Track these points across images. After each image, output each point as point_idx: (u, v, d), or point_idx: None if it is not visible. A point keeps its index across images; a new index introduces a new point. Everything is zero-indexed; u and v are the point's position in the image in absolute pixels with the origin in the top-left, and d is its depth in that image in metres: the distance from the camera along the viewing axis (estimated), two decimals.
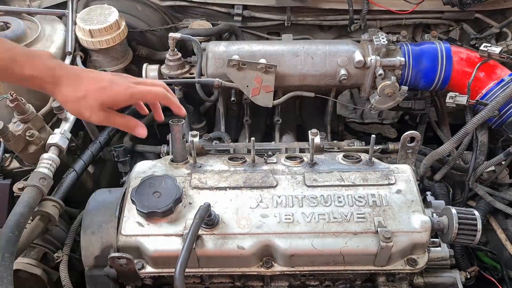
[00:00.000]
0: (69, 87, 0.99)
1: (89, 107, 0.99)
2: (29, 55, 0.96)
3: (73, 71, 1.01)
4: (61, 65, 1.01)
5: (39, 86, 0.99)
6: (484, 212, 1.52)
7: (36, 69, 0.96)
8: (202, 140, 1.52)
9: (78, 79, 0.99)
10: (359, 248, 1.06)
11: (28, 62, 0.95)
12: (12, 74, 0.95)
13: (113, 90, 1.00)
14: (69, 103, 1.00)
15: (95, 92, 0.99)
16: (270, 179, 1.18)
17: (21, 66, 0.94)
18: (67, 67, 1.02)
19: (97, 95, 0.99)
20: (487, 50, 1.49)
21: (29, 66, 0.95)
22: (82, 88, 0.99)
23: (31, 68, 0.95)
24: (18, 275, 1.22)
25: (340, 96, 1.73)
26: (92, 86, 0.99)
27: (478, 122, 1.42)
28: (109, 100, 1.01)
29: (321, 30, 1.91)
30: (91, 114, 1.00)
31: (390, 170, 1.21)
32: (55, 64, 0.99)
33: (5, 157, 1.45)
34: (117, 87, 1.01)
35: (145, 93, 1.06)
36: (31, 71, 0.95)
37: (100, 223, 1.15)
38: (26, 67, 0.95)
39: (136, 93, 1.03)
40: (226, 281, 1.16)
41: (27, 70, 0.95)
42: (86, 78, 1.00)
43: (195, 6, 1.85)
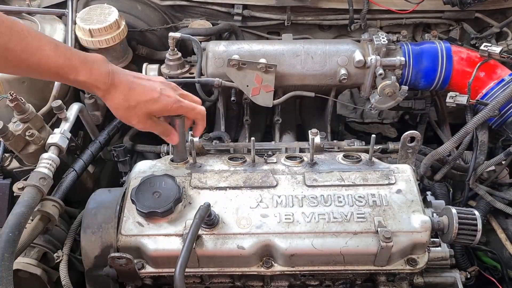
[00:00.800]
0: (121, 95, 1.01)
1: (137, 116, 1.04)
2: (85, 61, 0.96)
3: (126, 79, 1.03)
4: (114, 71, 1.01)
5: (91, 91, 1.02)
6: (484, 212, 1.52)
7: (91, 76, 0.97)
8: (202, 139, 1.52)
9: (130, 88, 1.02)
10: (359, 248, 1.06)
11: (84, 68, 0.96)
12: (66, 79, 0.96)
13: (162, 102, 1.05)
14: (119, 110, 1.04)
15: (146, 103, 1.03)
16: (270, 179, 1.18)
17: (75, 71, 0.95)
18: (120, 74, 1.02)
19: (147, 106, 1.03)
20: (487, 50, 1.49)
21: (84, 72, 0.96)
22: (133, 99, 1.02)
23: (86, 75, 0.96)
24: (18, 275, 1.22)
25: (340, 96, 1.73)
26: (144, 97, 1.03)
27: (478, 122, 1.42)
28: (157, 112, 1.06)
29: (321, 30, 1.91)
30: (138, 122, 1.06)
31: (390, 170, 1.20)
32: (109, 71, 1.00)
33: (5, 156, 1.45)
34: (166, 99, 1.05)
35: (190, 109, 1.11)
36: (85, 77, 0.96)
37: (100, 223, 1.15)
38: (81, 73, 0.95)
39: (182, 107, 1.09)
40: (226, 281, 1.16)
41: (82, 76, 0.96)
42: (138, 88, 1.03)
43: (195, 5, 1.85)
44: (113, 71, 1.01)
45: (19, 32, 0.87)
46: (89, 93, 1.67)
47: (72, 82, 0.98)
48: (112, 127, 1.60)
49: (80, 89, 1.72)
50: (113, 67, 1.02)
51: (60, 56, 0.92)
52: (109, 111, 1.75)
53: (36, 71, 0.94)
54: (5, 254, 0.93)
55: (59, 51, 0.93)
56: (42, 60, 0.90)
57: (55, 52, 0.92)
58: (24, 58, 0.88)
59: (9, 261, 0.93)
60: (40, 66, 0.91)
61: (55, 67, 0.92)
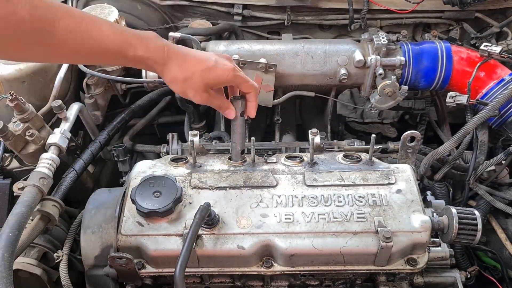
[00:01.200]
0: (177, 66, 1.01)
1: (194, 87, 1.03)
2: (140, 37, 0.96)
3: (181, 51, 1.02)
4: (169, 45, 1.01)
5: (149, 67, 1.01)
6: (484, 211, 1.52)
7: (148, 50, 0.96)
8: (202, 139, 1.52)
9: (185, 59, 1.01)
10: (359, 248, 1.06)
11: (140, 43, 0.95)
12: (125, 57, 0.95)
13: (218, 71, 1.04)
14: (176, 82, 1.03)
15: (202, 72, 1.02)
16: (270, 179, 1.18)
17: (134, 48, 0.94)
18: (174, 47, 1.02)
19: (203, 76, 1.02)
20: (487, 50, 1.49)
21: (142, 47, 0.95)
22: (189, 69, 1.01)
23: (144, 50, 0.96)
24: (18, 275, 1.22)
25: (340, 96, 1.73)
26: (199, 67, 1.02)
27: (478, 122, 1.42)
28: (214, 81, 1.05)
29: (321, 30, 1.91)
30: (195, 94, 1.04)
31: (390, 170, 1.20)
32: (164, 44, 1.00)
33: (5, 156, 1.45)
34: (222, 67, 1.04)
35: (245, 80, 1.09)
36: (144, 52, 0.96)
37: (100, 222, 1.15)
38: (138, 49, 0.95)
39: (238, 76, 1.07)
40: (226, 280, 1.16)
41: (140, 51, 0.95)
42: (193, 59, 1.02)
43: (195, 5, 1.85)
44: (168, 45, 1.01)
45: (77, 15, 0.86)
46: (89, 93, 1.67)
47: (131, 60, 0.97)
48: (112, 127, 1.60)
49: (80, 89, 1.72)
50: (167, 41, 1.02)
51: (117, 34, 0.92)
52: (109, 111, 1.79)
53: (96, 54, 0.93)
54: (5, 254, 0.93)
55: (115, 30, 0.92)
56: (102, 41, 0.90)
57: (112, 32, 0.91)
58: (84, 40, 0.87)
59: (9, 261, 0.93)
60: (100, 48, 0.91)
61: (115, 47, 0.92)
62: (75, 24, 0.85)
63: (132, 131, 1.77)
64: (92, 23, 0.89)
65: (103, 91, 1.71)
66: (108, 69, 1.64)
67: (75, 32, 0.85)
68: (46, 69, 1.52)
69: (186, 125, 1.74)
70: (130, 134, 1.75)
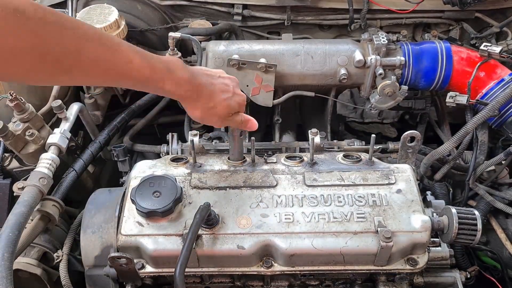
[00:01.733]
0: (203, 99, 1.02)
1: (218, 115, 1.06)
2: (168, 69, 0.94)
3: (205, 81, 1.03)
4: (194, 75, 1.00)
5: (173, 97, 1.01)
6: (484, 211, 1.52)
7: (176, 85, 0.95)
8: (202, 139, 1.52)
9: (210, 92, 1.03)
10: (359, 247, 1.06)
11: (168, 77, 0.94)
12: (152, 88, 0.95)
13: (236, 100, 1.08)
14: (197, 112, 1.04)
15: (224, 101, 1.05)
16: (270, 179, 1.18)
17: (162, 81, 0.93)
18: (198, 77, 1.02)
19: (225, 104, 1.06)
20: (487, 50, 1.49)
21: (169, 82, 0.94)
22: (213, 101, 1.03)
23: (171, 84, 0.94)
24: (18, 274, 1.22)
25: (340, 96, 1.73)
26: (221, 97, 1.05)
27: (478, 122, 1.42)
28: (234, 110, 1.09)
29: (321, 30, 1.90)
30: (218, 121, 1.08)
31: (390, 170, 1.20)
32: (190, 77, 0.99)
33: (5, 156, 1.45)
34: (238, 97, 1.09)
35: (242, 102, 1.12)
36: (171, 86, 0.95)
37: (100, 222, 1.15)
38: (166, 83, 0.94)
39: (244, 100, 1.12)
40: (226, 280, 1.16)
41: (167, 86, 0.94)
42: (217, 89, 1.04)
43: (195, 5, 1.85)
44: (193, 75, 1.00)
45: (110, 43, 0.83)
46: (89, 93, 1.67)
47: (156, 91, 0.97)
48: (112, 127, 1.60)
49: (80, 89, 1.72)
50: (191, 69, 1.01)
51: (146, 67, 0.89)
52: (109, 111, 1.79)
53: (123, 82, 0.93)
54: (5, 254, 0.93)
55: (145, 61, 0.89)
56: (131, 73, 0.87)
57: (142, 63, 0.88)
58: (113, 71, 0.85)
59: (9, 261, 0.93)
60: (128, 78, 0.89)
61: (142, 79, 0.90)
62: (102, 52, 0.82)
63: (132, 131, 1.77)
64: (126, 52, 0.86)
65: (103, 91, 1.71)
66: None
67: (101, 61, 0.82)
68: None
69: (186, 125, 1.73)
70: (130, 134, 1.75)
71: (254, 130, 1.17)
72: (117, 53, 0.84)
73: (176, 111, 1.89)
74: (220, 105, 1.05)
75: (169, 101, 1.83)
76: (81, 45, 0.77)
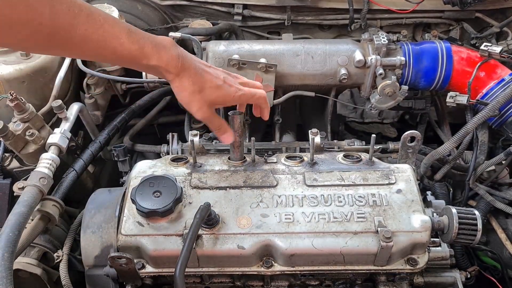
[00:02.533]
0: (189, 79, 1.01)
1: (200, 102, 1.03)
2: (156, 46, 0.96)
3: (194, 64, 1.03)
4: (183, 55, 1.01)
5: (161, 75, 1.01)
6: (484, 211, 1.52)
7: (162, 60, 0.96)
8: (202, 139, 1.52)
9: (197, 73, 1.02)
10: (359, 247, 1.06)
11: (155, 53, 0.95)
12: (138, 64, 0.96)
13: (225, 90, 1.05)
14: (184, 93, 1.03)
15: (211, 89, 1.03)
16: (270, 179, 1.18)
17: (148, 57, 0.94)
18: (187, 58, 1.02)
19: (211, 92, 1.03)
20: (487, 50, 1.49)
21: (156, 57, 0.95)
22: (199, 83, 1.02)
23: (158, 59, 0.96)
24: (18, 274, 1.22)
25: (340, 96, 1.73)
26: (209, 83, 1.03)
27: (478, 122, 1.42)
28: (220, 100, 1.06)
29: (321, 30, 1.91)
30: (198, 109, 1.04)
31: (391, 170, 1.20)
32: (178, 54, 0.99)
33: (5, 156, 1.45)
34: (229, 88, 1.05)
35: (251, 95, 1.10)
36: (157, 61, 0.96)
37: (100, 222, 1.15)
38: (152, 58, 0.95)
39: (244, 95, 1.08)
40: (226, 280, 1.16)
41: (154, 61, 0.95)
42: (205, 73, 1.03)
43: (195, 5, 1.85)
44: (182, 55, 1.01)
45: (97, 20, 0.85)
46: (89, 93, 1.67)
47: (143, 67, 0.98)
48: (112, 127, 1.60)
49: (80, 89, 1.72)
50: (181, 50, 1.02)
51: (134, 43, 0.91)
52: (109, 111, 1.79)
53: (109, 58, 0.94)
54: (5, 254, 0.93)
55: (132, 37, 0.91)
56: (117, 48, 0.90)
57: (129, 39, 0.91)
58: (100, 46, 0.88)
59: (9, 261, 0.93)
60: (114, 54, 0.91)
61: (129, 55, 0.92)
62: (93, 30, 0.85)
63: (132, 131, 1.77)
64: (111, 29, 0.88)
65: (103, 91, 1.71)
66: (108, 69, 1.64)
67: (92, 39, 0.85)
68: (46, 69, 1.52)
69: (186, 125, 1.74)
70: (130, 134, 1.75)
71: (226, 143, 1.15)
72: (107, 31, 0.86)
73: (176, 111, 1.89)
74: (208, 89, 1.03)
75: (169, 101, 1.84)
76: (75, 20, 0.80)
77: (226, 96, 1.06)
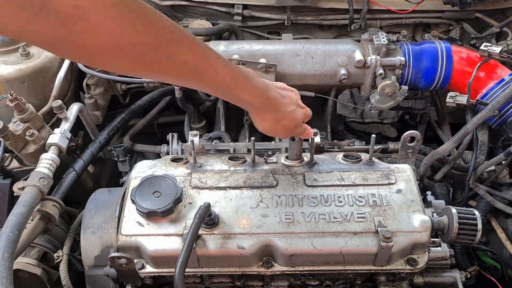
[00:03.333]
0: (272, 111, 1.03)
1: (285, 127, 1.07)
2: (246, 77, 0.95)
3: (274, 94, 1.03)
4: (267, 87, 1.01)
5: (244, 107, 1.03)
6: (484, 211, 1.52)
7: (251, 94, 0.96)
8: (202, 139, 1.52)
9: (278, 104, 1.03)
10: (359, 248, 1.06)
11: (246, 86, 0.95)
12: (229, 96, 0.96)
13: (300, 113, 1.09)
14: (266, 123, 1.05)
15: (291, 113, 1.06)
16: (270, 179, 1.18)
17: (240, 90, 0.94)
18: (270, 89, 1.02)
19: (292, 117, 1.06)
20: (487, 50, 1.49)
21: (247, 91, 0.95)
22: (282, 112, 1.04)
23: (248, 93, 0.96)
24: (18, 274, 1.22)
25: (340, 96, 1.73)
26: (288, 109, 1.05)
27: (478, 122, 1.42)
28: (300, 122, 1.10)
29: (321, 30, 1.90)
30: (284, 133, 1.10)
31: (390, 170, 1.20)
32: (264, 87, 0.99)
33: (5, 156, 1.45)
34: (302, 110, 1.10)
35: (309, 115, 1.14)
36: (247, 96, 0.96)
37: (100, 222, 1.15)
38: (244, 92, 0.95)
39: (307, 116, 1.13)
40: (226, 280, 1.16)
41: (245, 95, 0.95)
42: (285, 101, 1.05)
43: (195, 5, 1.85)
44: (266, 86, 1.01)
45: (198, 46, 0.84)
46: (89, 93, 1.67)
47: (233, 99, 0.97)
48: (112, 127, 1.60)
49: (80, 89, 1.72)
50: (263, 82, 1.02)
51: (228, 75, 0.90)
52: (109, 111, 1.79)
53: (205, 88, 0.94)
54: (5, 254, 0.94)
55: (227, 69, 0.90)
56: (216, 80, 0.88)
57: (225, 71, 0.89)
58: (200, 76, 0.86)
59: (9, 261, 0.93)
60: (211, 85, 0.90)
61: (224, 86, 0.91)
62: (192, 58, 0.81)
63: (132, 131, 1.77)
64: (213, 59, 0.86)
65: (103, 91, 1.71)
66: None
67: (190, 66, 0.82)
68: (46, 69, 1.52)
69: (186, 125, 1.74)
70: (130, 134, 1.75)
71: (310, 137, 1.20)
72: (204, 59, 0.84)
73: (176, 111, 1.89)
74: (287, 117, 1.05)
75: (169, 101, 1.84)
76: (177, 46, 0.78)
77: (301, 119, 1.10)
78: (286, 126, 1.07)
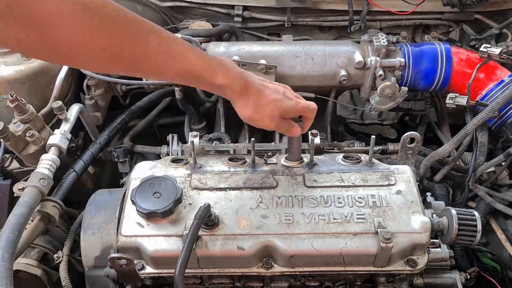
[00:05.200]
0: (254, 96, 1.02)
1: (269, 115, 1.05)
2: (221, 63, 0.97)
3: (255, 81, 1.04)
4: (245, 73, 1.02)
5: (222, 93, 1.02)
6: (484, 213, 1.52)
7: (227, 78, 0.97)
8: (202, 140, 1.53)
9: (260, 90, 1.03)
10: (359, 248, 1.06)
11: (221, 70, 0.96)
12: (204, 82, 0.97)
13: (285, 103, 1.07)
14: (248, 110, 1.04)
15: (275, 102, 1.05)
16: (270, 180, 1.18)
17: (213, 74, 0.95)
18: (250, 76, 1.03)
19: (277, 105, 1.05)
20: (487, 51, 1.49)
21: (221, 75, 0.96)
22: (264, 98, 1.03)
23: (223, 77, 0.96)
24: (18, 275, 1.22)
25: (340, 97, 1.73)
26: (272, 97, 1.05)
27: (478, 123, 1.42)
28: (285, 111, 1.07)
29: (321, 31, 1.91)
30: (268, 121, 1.07)
31: (390, 171, 1.21)
32: (241, 73, 1.00)
33: (5, 157, 1.45)
34: (289, 101, 1.08)
35: (306, 107, 1.12)
36: (223, 80, 0.96)
37: (100, 223, 1.15)
38: (218, 76, 0.95)
39: (301, 107, 1.10)
40: (226, 281, 1.16)
41: (219, 79, 0.96)
42: (266, 89, 1.05)
43: (195, 7, 1.85)
44: (244, 73, 1.02)
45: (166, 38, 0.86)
46: (90, 94, 1.67)
47: (207, 85, 0.98)
48: (112, 128, 1.60)
49: (80, 90, 1.72)
50: (242, 70, 1.03)
51: (198, 60, 0.92)
52: (109, 112, 1.79)
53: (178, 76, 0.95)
54: (5, 255, 0.94)
55: (197, 55, 0.92)
56: (185, 66, 0.90)
57: (195, 57, 0.91)
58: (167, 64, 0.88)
59: (9, 262, 0.93)
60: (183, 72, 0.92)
61: (195, 72, 0.92)
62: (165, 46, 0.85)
63: (132, 132, 1.77)
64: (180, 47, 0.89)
65: (103, 92, 1.71)
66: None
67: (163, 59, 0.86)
68: (47, 70, 1.52)
69: (186, 126, 1.74)
70: (130, 135, 1.75)
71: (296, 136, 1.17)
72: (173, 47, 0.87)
73: (176, 112, 1.89)
74: (272, 104, 1.04)
75: (169, 102, 1.84)
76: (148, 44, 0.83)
77: (289, 108, 1.08)
78: (270, 113, 1.05)
